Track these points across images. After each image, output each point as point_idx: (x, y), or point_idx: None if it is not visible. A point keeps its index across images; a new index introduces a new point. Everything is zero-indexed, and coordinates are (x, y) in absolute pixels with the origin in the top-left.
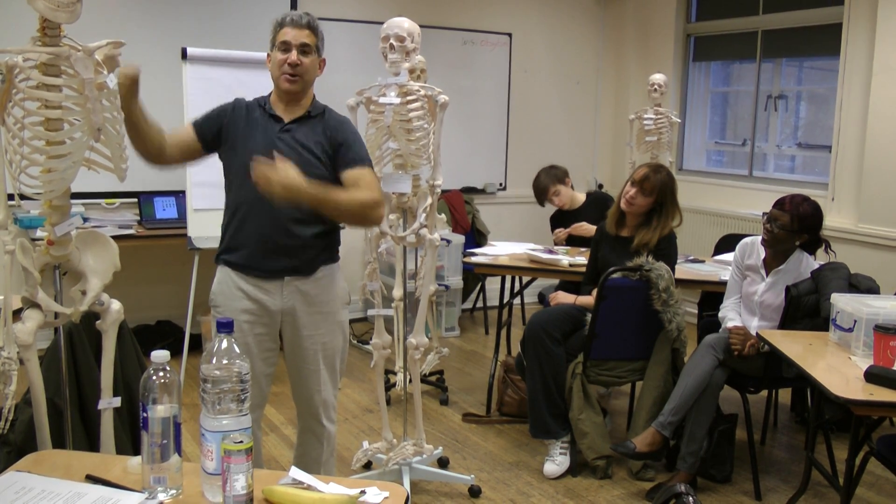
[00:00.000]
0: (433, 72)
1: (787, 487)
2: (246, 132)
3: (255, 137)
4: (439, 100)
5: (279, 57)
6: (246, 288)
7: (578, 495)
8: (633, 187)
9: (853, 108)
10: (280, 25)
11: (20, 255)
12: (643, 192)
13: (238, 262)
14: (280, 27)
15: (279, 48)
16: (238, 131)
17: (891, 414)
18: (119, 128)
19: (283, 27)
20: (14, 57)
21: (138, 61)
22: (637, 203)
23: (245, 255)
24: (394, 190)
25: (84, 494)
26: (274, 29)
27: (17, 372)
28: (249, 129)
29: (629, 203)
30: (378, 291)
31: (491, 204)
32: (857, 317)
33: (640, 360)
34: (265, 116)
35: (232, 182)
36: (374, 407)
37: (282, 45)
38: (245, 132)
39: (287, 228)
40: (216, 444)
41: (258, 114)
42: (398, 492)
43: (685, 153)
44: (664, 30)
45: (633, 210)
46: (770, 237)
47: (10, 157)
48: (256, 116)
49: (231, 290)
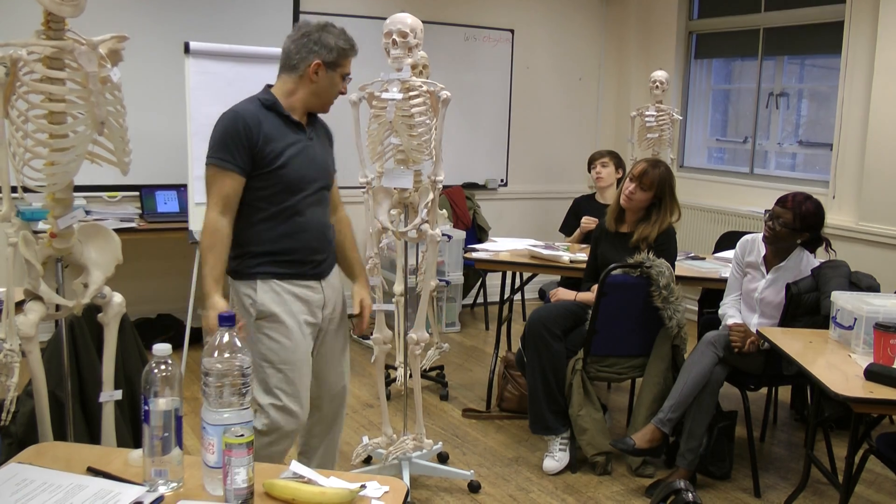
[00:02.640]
0: (435, 67)
1: (787, 485)
2: (286, 144)
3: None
4: (441, 95)
5: (339, 84)
6: (299, 292)
7: (578, 491)
8: (632, 182)
9: (854, 107)
10: (349, 52)
11: (23, 248)
12: (642, 186)
13: (287, 271)
14: (350, 54)
15: (342, 76)
16: (278, 146)
17: (890, 412)
18: (122, 121)
19: (350, 56)
20: (18, 50)
21: (141, 55)
22: (636, 198)
23: (297, 260)
24: (395, 185)
25: (85, 487)
26: (340, 51)
27: (18, 364)
28: (285, 140)
29: (628, 198)
30: (379, 286)
31: (492, 200)
32: (857, 315)
33: (641, 357)
34: (287, 124)
35: (283, 193)
36: (375, 402)
37: (347, 75)
38: (285, 144)
39: (325, 232)
40: (217, 437)
41: (278, 121)
42: (398, 486)
43: (686, 150)
44: (666, 26)
45: (633, 205)
46: (772, 234)
47: (14, 149)
48: (278, 124)
49: (287, 298)
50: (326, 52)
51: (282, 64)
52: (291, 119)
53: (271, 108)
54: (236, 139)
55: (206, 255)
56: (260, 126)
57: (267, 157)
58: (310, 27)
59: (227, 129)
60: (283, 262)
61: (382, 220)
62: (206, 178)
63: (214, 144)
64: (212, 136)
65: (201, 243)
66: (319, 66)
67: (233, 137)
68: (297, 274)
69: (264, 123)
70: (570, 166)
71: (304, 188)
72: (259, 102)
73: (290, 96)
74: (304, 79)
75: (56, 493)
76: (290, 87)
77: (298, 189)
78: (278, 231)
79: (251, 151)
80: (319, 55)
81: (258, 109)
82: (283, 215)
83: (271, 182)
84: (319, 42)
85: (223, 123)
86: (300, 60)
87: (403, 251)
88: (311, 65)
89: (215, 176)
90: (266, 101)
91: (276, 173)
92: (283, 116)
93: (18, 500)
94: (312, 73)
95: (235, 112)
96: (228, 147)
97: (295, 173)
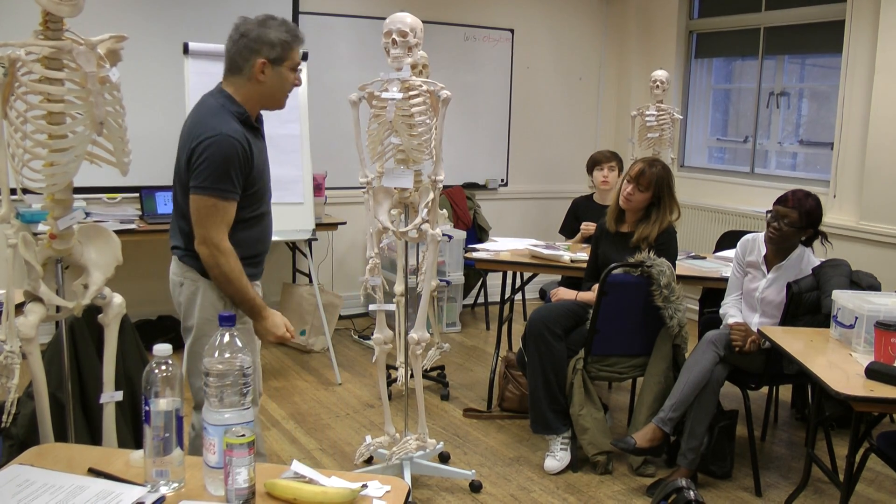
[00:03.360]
0: (435, 67)
1: (788, 483)
2: (260, 158)
3: (263, 157)
4: (441, 95)
5: (290, 77)
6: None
7: (579, 491)
8: (630, 184)
9: (855, 106)
10: (294, 43)
11: (22, 249)
12: (640, 187)
13: (253, 272)
14: (295, 45)
15: (291, 68)
16: (260, 163)
17: (891, 410)
18: (121, 122)
19: (298, 46)
20: (16, 50)
21: (140, 56)
22: (635, 199)
23: (260, 260)
24: (395, 185)
25: (86, 488)
26: (283, 45)
27: (19, 365)
28: (259, 153)
29: (627, 200)
30: (379, 287)
31: (492, 200)
32: (858, 313)
33: (642, 356)
34: (255, 134)
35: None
36: (376, 402)
37: (297, 67)
38: (260, 159)
39: None
40: (218, 437)
41: (251, 134)
42: (399, 486)
43: (687, 150)
44: (666, 26)
45: (632, 206)
46: (778, 235)
47: (13, 150)
48: (252, 137)
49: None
50: (269, 48)
51: (227, 67)
52: (256, 127)
53: (245, 122)
54: (237, 168)
55: (239, 280)
56: (250, 148)
57: (255, 178)
58: (248, 25)
59: (229, 159)
60: (253, 264)
61: (383, 220)
62: (206, 208)
63: (215, 174)
64: (206, 162)
65: (229, 272)
66: (265, 65)
67: (234, 167)
68: (256, 274)
69: (251, 145)
70: (571, 166)
71: (268, 190)
72: (234, 118)
73: (246, 101)
74: (251, 81)
75: (57, 495)
76: (242, 91)
77: (265, 194)
78: (255, 236)
79: (245, 176)
80: (262, 53)
81: (240, 127)
82: (256, 220)
83: (254, 198)
84: (260, 40)
85: (221, 151)
86: (244, 62)
87: (404, 251)
88: (256, 65)
89: (217, 206)
90: (240, 115)
91: (257, 188)
92: (253, 128)
93: (20, 501)
94: (259, 74)
95: (229, 137)
96: (230, 177)
97: (265, 182)
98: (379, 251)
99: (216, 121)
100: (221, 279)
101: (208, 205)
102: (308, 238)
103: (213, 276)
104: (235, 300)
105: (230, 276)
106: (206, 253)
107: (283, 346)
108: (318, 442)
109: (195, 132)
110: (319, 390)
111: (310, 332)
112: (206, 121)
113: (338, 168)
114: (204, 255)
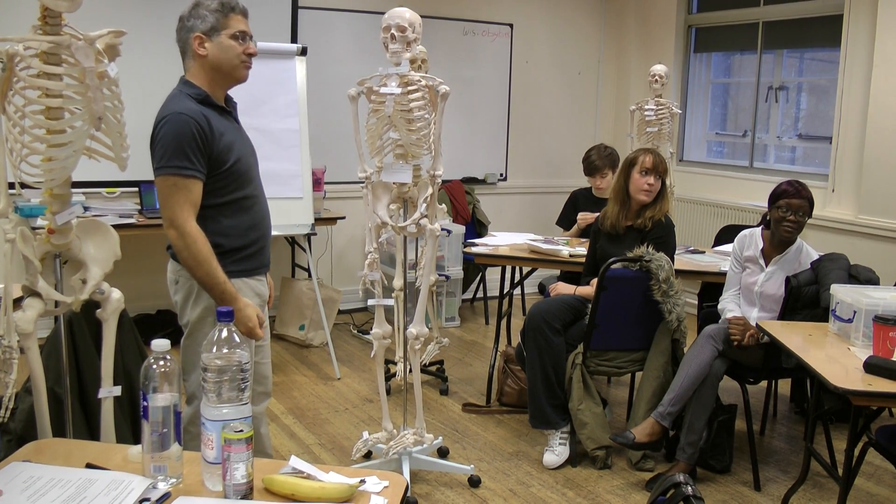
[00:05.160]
0: (434, 62)
1: (787, 478)
2: (231, 137)
3: (236, 137)
4: (440, 90)
5: (236, 46)
6: (256, 288)
7: (578, 485)
8: (650, 175)
9: (854, 100)
10: (230, 10)
11: (21, 244)
12: (657, 175)
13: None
14: (229, 13)
15: (233, 37)
16: (227, 141)
17: (890, 404)
18: (120, 116)
19: (235, 14)
20: (15, 45)
21: (139, 51)
22: (654, 188)
23: (258, 251)
24: (394, 180)
25: (95, 480)
26: (217, 13)
27: (17, 360)
28: (230, 133)
29: (649, 191)
30: (378, 281)
31: (491, 194)
32: (856, 307)
33: (640, 351)
34: (218, 111)
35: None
36: (374, 397)
37: (240, 34)
38: (231, 138)
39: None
40: (216, 433)
41: (214, 113)
42: (398, 481)
43: (686, 144)
44: (665, 21)
45: (652, 196)
46: (796, 227)
47: (11, 145)
48: (216, 116)
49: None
50: (201, 21)
51: (182, 56)
52: (222, 107)
53: (204, 102)
54: (192, 143)
55: (208, 262)
56: (210, 124)
57: (222, 154)
58: (184, 11)
59: (181, 134)
60: (247, 258)
61: (381, 215)
62: (167, 188)
63: (168, 152)
64: (160, 143)
65: (196, 254)
66: (201, 39)
67: (188, 142)
68: (255, 269)
69: (210, 120)
70: (570, 161)
71: (252, 175)
72: (191, 98)
73: (203, 83)
74: (196, 58)
75: (67, 488)
76: (194, 72)
77: (249, 178)
78: (244, 223)
79: (207, 153)
80: (196, 29)
81: (197, 106)
82: (245, 206)
83: (230, 179)
84: (191, 17)
85: (172, 128)
86: (185, 43)
87: (403, 246)
88: (194, 42)
89: (177, 185)
90: (198, 96)
91: (232, 168)
92: (217, 107)
93: (30, 496)
94: (199, 48)
95: (181, 114)
96: (186, 152)
97: (244, 163)
98: (378, 246)
99: (171, 104)
100: (189, 262)
101: (168, 184)
102: (307, 233)
103: (182, 259)
104: (205, 285)
105: (198, 258)
106: (173, 235)
107: (283, 340)
108: (317, 437)
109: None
110: (318, 385)
111: (309, 327)
112: (164, 107)
113: (337, 163)
114: (171, 238)
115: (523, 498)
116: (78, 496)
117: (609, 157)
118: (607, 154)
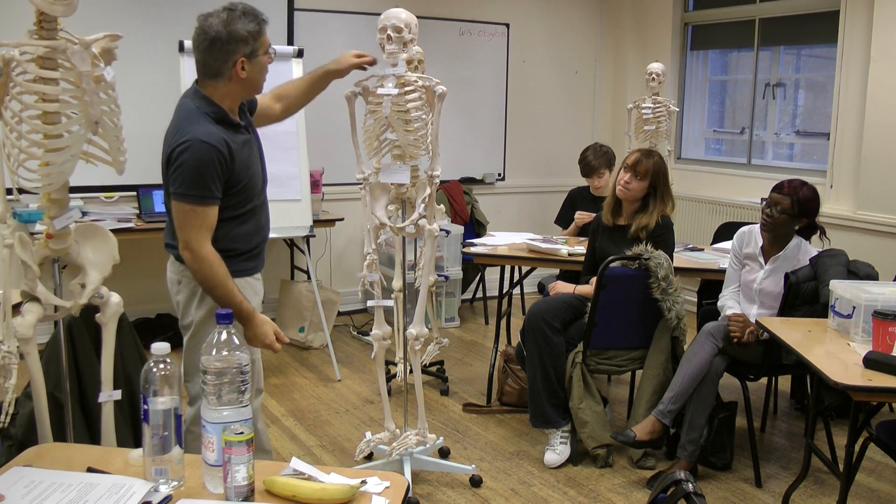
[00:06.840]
0: (431, 63)
1: (787, 474)
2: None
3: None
4: (437, 90)
5: (266, 60)
6: (255, 286)
7: (579, 484)
8: (627, 172)
9: (851, 96)
10: (261, 28)
11: (19, 249)
12: (637, 176)
13: (250, 265)
14: (262, 31)
15: (266, 53)
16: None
17: (890, 399)
18: (117, 120)
19: (264, 30)
20: (11, 50)
21: (135, 54)
22: (632, 188)
23: (258, 252)
24: (392, 181)
25: (96, 485)
26: (253, 35)
27: (17, 366)
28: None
29: (624, 189)
30: (378, 282)
31: (490, 194)
32: (855, 303)
33: (640, 349)
34: (236, 131)
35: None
36: (375, 398)
37: (270, 48)
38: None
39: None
40: (217, 435)
41: (230, 132)
42: (399, 482)
43: (684, 142)
44: (662, 19)
45: (629, 195)
46: (770, 222)
47: (8, 150)
48: (232, 136)
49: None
50: (243, 45)
51: (202, 73)
52: (237, 124)
53: (221, 121)
54: (213, 172)
55: (224, 285)
56: (230, 150)
57: (238, 175)
58: (214, 28)
59: (204, 164)
60: (250, 258)
61: (380, 216)
62: (184, 213)
63: (189, 180)
64: (181, 169)
65: (212, 277)
66: (244, 62)
67: (210, 172)
68: (255, 268)
69: (231, 145)
70: (568, 160)
71: (261, 186)
72: (209, 119)
73: (225, 99)
74: (233, 80)
75: (69, 493)
76: (223, 90)
77: (258, 189)
78: (250, 230)
79: (225, 178)
80: (238, 53)
81: (216, 129)
82: (249, 214)
83: (242, 196)
84: (232, 40)
85: (195, 157)
86: (221, 65)
87: (402, 247)
88: (236, 64)
89: (195, 211)
90: (216, 115)
91: (246, 186)
92: (233, 125)
93: (32, 501)
94: (240, 71)
95: (204, 143)
96: (206, 182)
97: (255, 178)
98: (377, 247)
99: (191, 126)
100: (205, 284)
101: (186, 210)
102: (306, 235)
103: (198, 280)
104: (221, 305)
105: (214, 282)
106: (188, 258)
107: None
108: (318, 438)
109: (172, 139)
110: (319, 387)
111: (308, 329)
112: (183, 126)
113: (335, 164)
114: (187, 260)
115: (525, 497)
116: (79, 500)
117: (605, 157)
118: (603, 153)
